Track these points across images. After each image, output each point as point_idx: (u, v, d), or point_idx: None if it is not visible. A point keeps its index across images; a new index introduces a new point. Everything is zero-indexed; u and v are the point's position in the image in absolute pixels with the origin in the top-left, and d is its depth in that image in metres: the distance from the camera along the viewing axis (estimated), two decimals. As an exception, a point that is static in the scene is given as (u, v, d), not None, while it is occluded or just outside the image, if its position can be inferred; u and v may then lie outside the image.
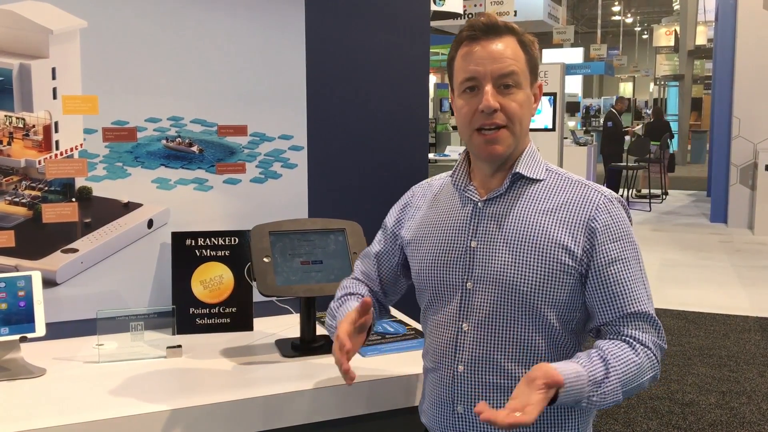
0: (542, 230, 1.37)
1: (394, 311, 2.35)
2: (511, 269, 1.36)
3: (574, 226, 1.37)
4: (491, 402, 1.38)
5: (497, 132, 1.37)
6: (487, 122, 1.37)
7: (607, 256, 1.36)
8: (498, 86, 1.37)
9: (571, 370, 1.24)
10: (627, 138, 13.42)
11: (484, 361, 1.39)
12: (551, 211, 1.39)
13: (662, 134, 12.47)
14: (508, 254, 1.37)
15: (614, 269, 1.36)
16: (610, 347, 1.32)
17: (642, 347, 1.33)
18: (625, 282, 1.36)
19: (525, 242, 1.37)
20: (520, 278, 1.36)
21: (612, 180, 11.69)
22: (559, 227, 1.37)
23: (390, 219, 1.64)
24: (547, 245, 1.36)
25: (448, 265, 1.43)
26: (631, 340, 1.34)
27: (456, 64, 1.42)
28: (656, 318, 1.37)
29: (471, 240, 1.42)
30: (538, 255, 1.35)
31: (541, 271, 1.35)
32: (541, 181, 1.44)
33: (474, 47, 1.38)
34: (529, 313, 1.37)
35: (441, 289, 1.45)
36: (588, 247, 1.36)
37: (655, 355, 1.35)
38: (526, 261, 1.36)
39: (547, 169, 1.46)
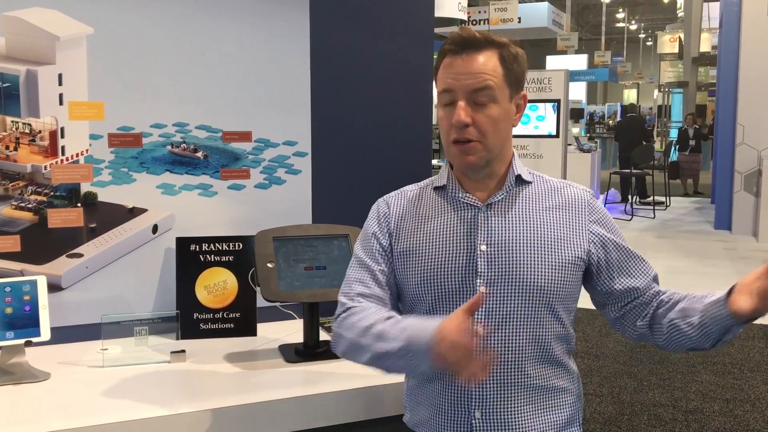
0: (550, 228, 1.44)
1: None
2: (529, 268, 1.41)
3: (576, 224, 1.46)
4: (512, 401, 1.40)
5: (468, 144, 1.41)
6: (458, 137, 1.41)
7: (613, 242, 1.48)
8: (471, 101, 1.39)
9: None
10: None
11: (503, 363, 1.40)
12: (551, 210, 1.47)
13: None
14: (524, 253, 1.42)
15: (624, 251, 1.50)
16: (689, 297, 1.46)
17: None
18: (632, 257, 1.51)
19: (538, 241, 1.43)
20: (540, 276, 1.40)
21: (641, 185, 11.89)
22: (563, 225, 1.46)
23: (379, 232, 1.53)
24: (559, 242, 1.43)
25: (454, 271, 1.43)
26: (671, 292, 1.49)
27: (438, 75, 1.46)
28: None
29: (480, 244, 1.43)
30: (553, 252, 1.42)
31: (557, 267, 1.42)
32: (531, 183, 1.51)
33: (453, 61, 1.41)
34: (545, 309, 1.42)
35: (447, 296, 1.43)
36: (592, 239, 1.46)
37: None
38: (543, 258, 1.41)
39: (530, 172, 1.53)
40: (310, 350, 1.97)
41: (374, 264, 1.50)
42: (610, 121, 20.32)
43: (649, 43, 31.39)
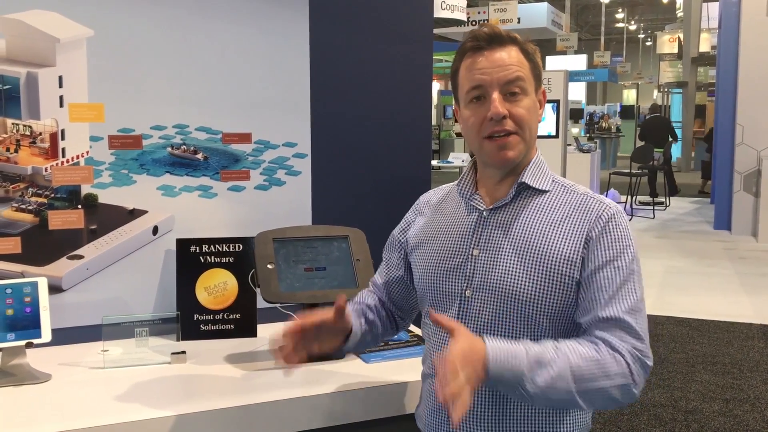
0: (546, 242, 1.37)
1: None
2: (511, 278, 1.37)
3: (576, 238, 1.37)
4: (488, 408, 1.39)
5: (507, 138, 1.38)
6: (497, 129, 1.38)
7: (595, 262, 1.34)
8: (504, 93, 1.38)
9: (504, 346, 1.24)
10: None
11: None
12: (555, 224, 1.39)
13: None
14: (510, 263, 1.38)
15: (599, 275, 1.34)
16: (570, 341, 1.30)
17: (608, 349, 1.28)
18: (607, 288, 1.32)
19: (528, 252, 1.37)
20: (520, 287, 1.36)
21: (653, 183, 11.93)
22: (562, 240, 1.37)
23: (397, 229, 1.68)
24: (550, 258, 1.36)
25: (448, 273, 1.44)
26: (597, 340, 1.30)
27: (461, 74, 1.43)
28: (636, 329, 1.31)
29: (473, 248, 1.43)
30: (541, 266, 1.36)
31: (542, 281, 1.35)
32: (547, 192, 1.44)
33: (478, 57, 1.40)
34: (526, 322, 1.37)
35: (440, 296, 1.46)
36: (585, 255, 1.36)
37: (627, 362, 1.27)
38: (528, 271, 1.36)
39: (553, 181, 1.47)
40: (310, 351, 1.98)
41: (390, 257, 1.67)
42: (603, 123, 20.24)
43: (648, 44, 31.41)
